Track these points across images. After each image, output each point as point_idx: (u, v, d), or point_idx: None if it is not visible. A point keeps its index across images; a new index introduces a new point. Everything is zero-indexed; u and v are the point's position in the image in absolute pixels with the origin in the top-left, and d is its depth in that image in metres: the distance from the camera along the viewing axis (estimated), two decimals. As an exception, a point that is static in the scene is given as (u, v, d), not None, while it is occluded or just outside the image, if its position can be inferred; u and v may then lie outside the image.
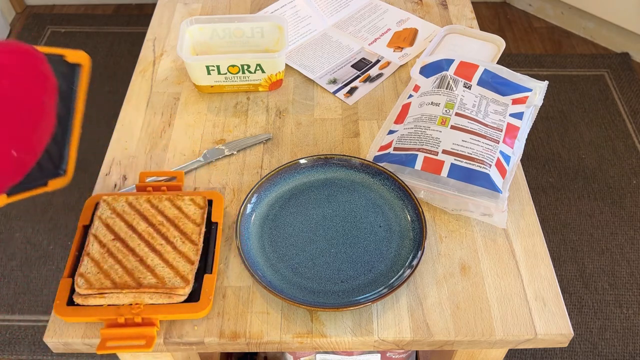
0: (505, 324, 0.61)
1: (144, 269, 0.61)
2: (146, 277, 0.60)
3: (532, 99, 0.76)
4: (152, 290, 0.59)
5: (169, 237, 0.64)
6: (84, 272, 0.60)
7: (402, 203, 0.69)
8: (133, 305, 0.58)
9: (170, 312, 0.59)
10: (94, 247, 0.62)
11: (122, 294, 0.59)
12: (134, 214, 0.65)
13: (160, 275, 0.60)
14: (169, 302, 0.59)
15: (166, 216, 0.66)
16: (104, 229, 0.64)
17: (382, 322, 0.61)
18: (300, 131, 0.81)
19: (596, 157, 1.73)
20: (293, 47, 0.93)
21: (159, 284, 0.59)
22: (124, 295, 0.59)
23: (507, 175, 0.70)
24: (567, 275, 1.48)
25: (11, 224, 1.59)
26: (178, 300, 0.60)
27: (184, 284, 0.60)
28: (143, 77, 0.89)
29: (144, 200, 0.67)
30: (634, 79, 1.96)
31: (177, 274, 0.60)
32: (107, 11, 2.28)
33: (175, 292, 0.59)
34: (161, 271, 0.61)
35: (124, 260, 0.61)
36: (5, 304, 1.42)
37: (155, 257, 0.62)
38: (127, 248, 0.62)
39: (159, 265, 0.61)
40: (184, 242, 0.63)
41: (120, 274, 0.60)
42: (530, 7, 2.26)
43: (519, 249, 0.67)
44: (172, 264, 0.61)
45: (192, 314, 0.59)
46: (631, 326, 1.38)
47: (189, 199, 0.68)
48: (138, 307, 0.58)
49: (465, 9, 1.01)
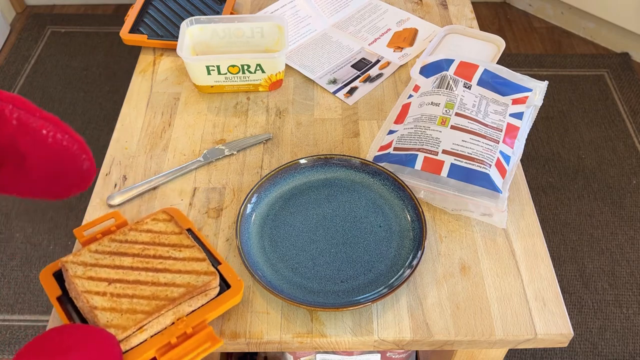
0: (505, 324, 0.61)
1: (165, 288, 0.58)
2: (172, 291, 0.57)
3: (532, 99, 0.76)
4: (187, 297, 0.57)
5: (163, 255, 0.61)
6: (106, 323, 0.55)
7: (402, 203, 0.69)
8: (176, 322, 0.56)
9: (213, 308, 0.57)
10: (96, 300, 0.56)
11: (161, 316, 0.55)
12: (110, 256, 0.60)
13: (184, 283, 0.58)
14: (207, 301, 0.58)
15: (142, 242, 0.62)
16: (91, 282, 0.58)
17: (382, 322, 0.61)
18: (300, 131, 0.81)
19: (596, 157, 1.73)
20: (293, 47, 0.93)
21: (189, 289, 0.57)
22: (164, 317, 0.56)
23: (507, 175, 0.70)
24: (567, 275, 1.48)
25: (11, 224, 1.59)
26: (214, 295, 0.58)
27: (213, 276, 0.58)
28: (143, 77, 0.89)
29: (109, 241, 0.62)
30: (634, 79, 1.96)
31: (199, 274, 0.59)
32: (107, 11, 2.28)
33: (209, 287, 0.58)
34: (182, 280, 0.58)
35: (138, 293, 0.57)
36: (5, 304, 1.42)
37: (165, 274, 0.59)
38: (131, 283, 0.58)
39: (175, 277, 0.58)
40: (180, 250, 0.61)
41: (145, 304, 0.56)
42: (530, 7, 2.26)
43: (519, 249, 0.67)
44: (186, 270, 0.59)
45: (233, 300, 0.58)
46: (631, 326, 1.38)
47: (151, 219, 0.64)
48: (183, 321, 0.56)
49: (465, 9, 1.01)
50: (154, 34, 0.92)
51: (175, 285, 0.57)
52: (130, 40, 0.92)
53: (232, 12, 0.97)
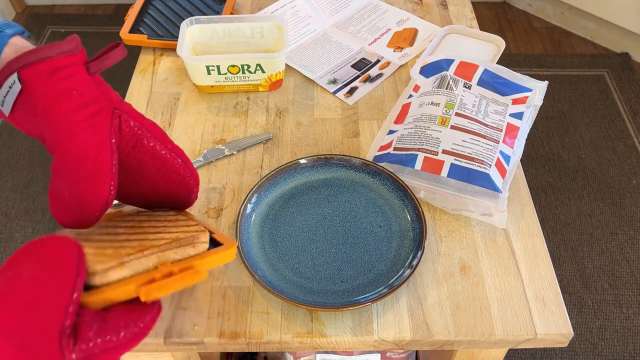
0: (505, 324, 0.61)
1: (152, 240, 0.53)
2: (160, 241, 0.53)
3: (532, 99, 0.76)
4: (173, 245, 0.52)
5: (157, 226, 0.57)
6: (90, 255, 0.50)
7: (402, 203, 0.69)
8: (160, 265, 0.50)
9: (201, 257, 0.52)
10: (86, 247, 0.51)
11: (144, 257, 0.50)
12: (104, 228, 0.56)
13: (172, 236, 0.53)
14: (195, 254, 0.53)
15: (139, 220, 0.58)
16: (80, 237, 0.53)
17: (382, 322, 0.61)
18: (300, 131, 0.81)
19: (596, 157, 1.73)
20: (293, 47, 0.93)
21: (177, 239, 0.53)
22: (147, 259, 0.50)
23: (507, 175, 0.70)
24: (567, 275, 1.48)
25: (11, 224, 1.59)
26: (203, 249, 0.54)
27: (202, 231, 0.54)
28: (143, 77, 0.89)
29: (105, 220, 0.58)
30: (634, 79, 1.96)
31: (189, 231, 0.54)
32: (107, 11, 2.28)
33: (197, 239, 0.53)
34: (170, 235, 0.54)
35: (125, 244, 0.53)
36: (5, 304, 1.42)
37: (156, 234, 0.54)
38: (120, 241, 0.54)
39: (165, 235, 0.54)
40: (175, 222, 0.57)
41: (133, 245, 0.51)
42: (530, 7, 2.26)
43: (519, 249, 0.67)
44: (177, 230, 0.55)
45: (224, 253, 0.53)
46: (631, 326, 1.38)
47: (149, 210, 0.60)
48: (166, 265, 0.50)
49: (465, 9, 1.01)
50: (154, 34, 0.92)
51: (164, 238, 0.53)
52: (130, 40, 0.92)
53: (232, 12, 0.97)
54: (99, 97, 0.49)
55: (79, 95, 0.47)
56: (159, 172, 0.54)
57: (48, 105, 0.47)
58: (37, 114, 0.47)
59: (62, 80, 0.47)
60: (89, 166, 0.47)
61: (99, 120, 0.48)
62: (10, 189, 1.68)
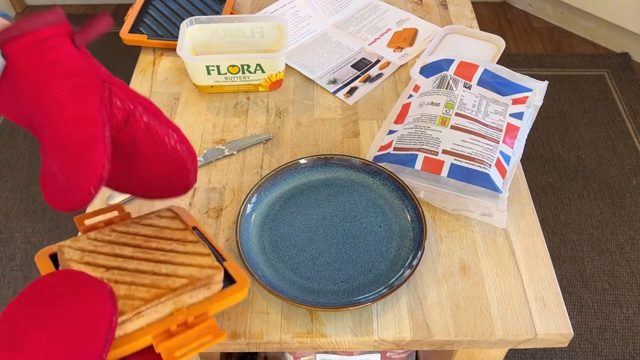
0: (505, 324, 0.61)
1: (165, 278, 0.52)
2: (174, 281, 0.52)
3: (532, 99, 0.76)
4: (189, 288, 0.52)
5: (165, 247, 0.56)
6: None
7: (402, 203, 0.69)
8: (176, 312, 0.51)
9: (216, 301, 0.52)
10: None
11: (160, 304, 0.50)
12: (110, 245, 0.56)
13: (186, 274, 0.53)
14: (210, 295, 0.53)
15: (144, 235, 0.58)
16: (88, 267, 0.54)
17: (382, 322, 0.61)
18: (300, 131, 0.81)
19: (596, 157, 1.73)
20: (293, 47, 0.93)
21: (191, 280, 0.52)
22: (163, 306, 0.50)
23: (507, 175, 0.70)
24: (567, 275, 1.48)
25: (11, 224, 1.59)
26: (218, 289, 0.54)
27: (217, 270, 0.53)
28: (143, 77, 0.89)
29: (109, 231, 0.58)
30: (634, 79, 1.96)
31: (202, 267, 0.54)
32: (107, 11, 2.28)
33: (212, 280, 0.53)
34: (184, 271, 0.53)
35: (137, 281, 0.52)
36: (6, 304, 1.42)
37: (167, 265, 0.55)
38: (130, 271, 0.53)
39: (177, 269, 0.54)
40: (184, 244, 0.58)
41: (144, 291, 0.51)
42: (530, 7, 2.26)
43: (519, 249, 0.67)
44: (189, 262, 0.55)
45: (237, 294, 0.54)
46: (631, 326, 1.38)
47: (155, 215, 0.61)
48: (183, 311, 0.51)
49: (465, 9, 1.01)
50: (154, 34, 0.92)
51: (177, 276, 0.53)
52: (130, 40, 0.92)
53: (232, 12, 0.97)
54: (86, 69, 0.47)
55: (67, 66, 0.45)
56: (154, 149, 0.51)
57: (35, 78, 0.44)
58: (23, 91, 0.45)
59: (48, 51, 0.45)
60: (81, 138, 0.45)
61: (88, 91, 0.46)
62: (10, 189, 1.68)
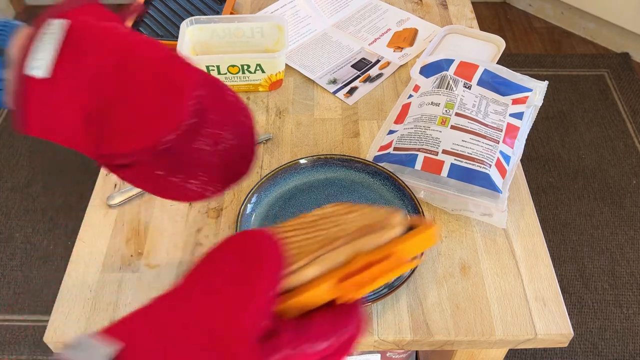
0: (505, 324, 0.61)
1: (338, 229, 0.44)
2: (349, 228, 0.43)
3: (532, 99, 0.76)
4: (365, 230, 0.43)
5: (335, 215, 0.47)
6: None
7: (402, 203, 0.69)
8: (354, 256, 0.41)
9: (401, 242, 0.42)
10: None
11: (335, 250, 0.41)
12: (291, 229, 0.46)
13: (361, 223, 0.44)
14: (392, 238, 0.43)
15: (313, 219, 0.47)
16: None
17: (382, 322, 0.61)
18: (300, 131, 0.81)
19: (596, 157, 1.73)
20: (293, 47, 0.93)
21: (369, 224, 0.43)
22: (338, 252, 0.41)
23: (507, 175, 0.70)
24: (567, 275, 1.48)
25: (11, 224, 1.59)
26: (400, 232, 0.43)
27: (396, 212, 0.44)
28: (143, 77, 0.89)
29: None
30: (634, 79, 1.96)
31: (379, 215, 0.45)
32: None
33: (389, 220, 0.43)
34: (358, 221, 0.44)
35: (306, 236, 0.44)
36: (5, 304, 1.42)
37: (338, 223, 0.45)
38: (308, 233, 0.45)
39: (352, 220, 0.45)
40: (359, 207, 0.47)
41: (318, 239, 0.43)
42: (530, 7, 2.26)
43: (519, 249, 0.67)
44: (365, 215, 0.45)
45: (426, 235, 0.43)
46: (631, 326, 1.38)
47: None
48: (361, 256, 0.41)
49: (465, 9, 1.01)
50: (154, 34, 0.92)
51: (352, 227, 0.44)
52: (130, 40, 0.91)
53: (232, 12, 0.97)
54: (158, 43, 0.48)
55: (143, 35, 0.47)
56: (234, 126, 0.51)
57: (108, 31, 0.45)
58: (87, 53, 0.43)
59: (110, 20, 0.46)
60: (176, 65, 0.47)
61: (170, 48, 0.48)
62: (10, 189, 1.68)
